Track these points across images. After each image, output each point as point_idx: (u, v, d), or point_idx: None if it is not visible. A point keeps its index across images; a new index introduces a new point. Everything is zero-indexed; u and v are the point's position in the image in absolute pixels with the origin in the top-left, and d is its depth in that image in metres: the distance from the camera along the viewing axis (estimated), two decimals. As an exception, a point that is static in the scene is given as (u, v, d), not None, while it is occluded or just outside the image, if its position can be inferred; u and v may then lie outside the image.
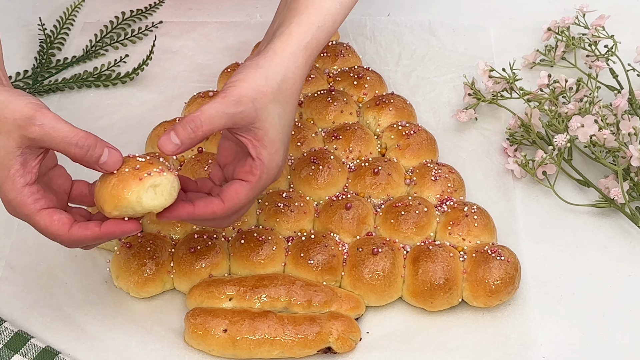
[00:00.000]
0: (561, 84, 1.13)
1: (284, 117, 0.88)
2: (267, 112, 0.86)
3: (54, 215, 0.82)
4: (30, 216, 0.82)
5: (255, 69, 0.87)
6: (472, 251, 0.99)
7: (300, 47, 0.90)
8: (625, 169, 1.06)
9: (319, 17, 0.92)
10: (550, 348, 0.95)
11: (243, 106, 0.84)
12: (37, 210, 0.82)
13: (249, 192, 0.87)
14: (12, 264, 1.02)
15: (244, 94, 0.85)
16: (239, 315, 0.94)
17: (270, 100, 0.86)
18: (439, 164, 1.09)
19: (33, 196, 0.82)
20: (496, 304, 0.97)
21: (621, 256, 1.04)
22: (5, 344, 0.94)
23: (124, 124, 1.19)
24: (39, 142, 0.81)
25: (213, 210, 0.86)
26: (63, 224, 0.82)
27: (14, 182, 0.81)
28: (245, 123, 0.85)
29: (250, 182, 0.86)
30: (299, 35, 0.90)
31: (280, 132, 0.87)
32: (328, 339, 0.94)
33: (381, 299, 0.98)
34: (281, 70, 0.88)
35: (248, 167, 0.86)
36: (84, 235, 0.83)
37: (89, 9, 1.36)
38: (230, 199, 0.86)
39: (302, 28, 0.91)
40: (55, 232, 0.82)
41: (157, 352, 0.94)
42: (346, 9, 0.95)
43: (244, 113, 0.85)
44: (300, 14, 0.92)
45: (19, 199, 0.81)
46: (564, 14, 1.27)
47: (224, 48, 1.30)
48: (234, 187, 0.86)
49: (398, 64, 1.27)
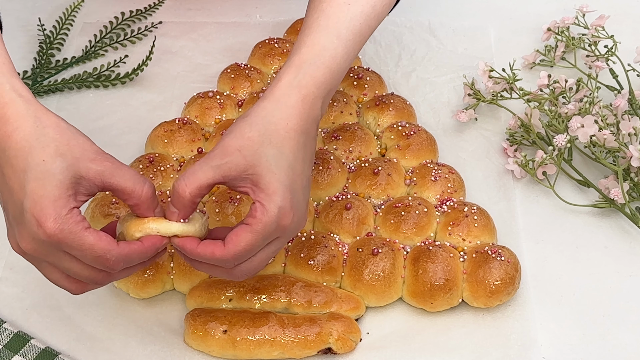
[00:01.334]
0: (561, 84, 1.13)
1: (280, 158, 0.84)
2: (258, 156, 0.83)
3: (101, 234, 0.79)
4: (77, 233, 0.78)
5: (241, 120, 0.86)
6: (472, 251, 0.99)
7: (292, 87, 0.87)
8: (625, 169, 1.06)
9: (311, 54, 0.89)
10: (550, 348, 0.95)
11: (228, 156, 0.82)
12: (85, 228, 0.79)
13: (250, 235, 0.82)
14: (12, 264, 1.02)
15: (228, 145, 0.83)
16: (239, 316, 0.94)
17: (259, 144, 0.83)
18: (439, 164, 1.09)
19: (80, 216, 0.79)
20: (496, 304, 0.97)
21: (621, 256, 1.04)
22: (5, 344, 0.94)
23: (123, 124, 1.19)
24: (107, 176, 0.80)
25: (212, 251, 0.82)
26: (111, 240, 0.79)
27: (68, 201, 0.79)
28: (237, 173, 0.83)
29: (251, 225, 0.82)
30: (288, 75, 0.88)
31: (276, 173, 0.83)
32: (328, 339, 0.94)
33: (381, 300, 0.98)
34: (267, 114, 0.86)
35: (249, 213, 0.83)
36: (131, 249, 0.80)
37: (89, 9, 1.36)
38: (230, 241, 0.82)
39: (291, 68, 0.89)
40: (105, 248, 0.79)
41: (157, 353, 0.94)
42: (345, 41, 0.92)
43: (232, 162, 0.82)
44: (292, 56, 0.90)
45: (70, 217, 0.78)
46: (564, 14, 1.27)
47: (224, 48, 1.30)
48: (235, 230, 0.82)
49: (398, 64, 1.27)
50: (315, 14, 0.93)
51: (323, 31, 0.91)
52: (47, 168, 0.78)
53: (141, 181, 0.82)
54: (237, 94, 1.18)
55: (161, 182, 1.06)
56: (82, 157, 0.80)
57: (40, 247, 0.80)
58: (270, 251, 0.85)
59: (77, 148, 0.81)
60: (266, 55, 1.23)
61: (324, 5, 0.93)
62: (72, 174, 0.79)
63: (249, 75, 1.19)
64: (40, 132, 0.80)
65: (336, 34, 0.91)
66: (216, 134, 1.11)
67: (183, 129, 1.12)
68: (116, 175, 0.81)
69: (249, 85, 1.19)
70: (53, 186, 0.78)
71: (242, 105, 1.16)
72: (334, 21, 0.92)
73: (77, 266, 0.81)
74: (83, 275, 0.82)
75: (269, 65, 1.22)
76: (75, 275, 0.82)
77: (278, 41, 1.24)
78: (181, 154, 1.11)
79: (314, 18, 0.92)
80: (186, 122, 1.13)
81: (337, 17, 0.92)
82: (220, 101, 1.15)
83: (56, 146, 0.80)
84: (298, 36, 0.93)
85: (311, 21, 0.92)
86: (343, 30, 0.91)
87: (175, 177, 1.08)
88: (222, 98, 1.16)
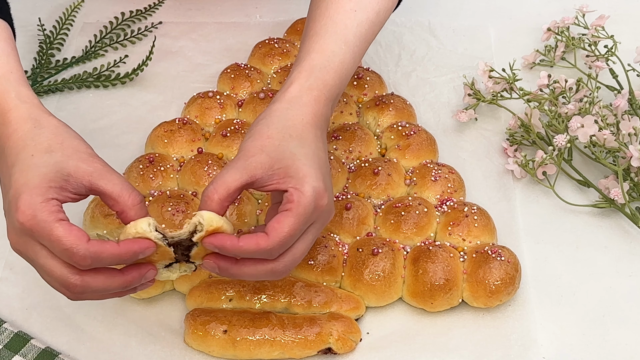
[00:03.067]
0: (561, 84, 1.13)
1: (304, 147, 0.86)
2: (281, 150, 0.85)
3: (73, 227, 0.78)
4: (49, 222, 0.77)
5: (258, 122, 0.88)
6: (472, 252, 0.99)
7: (303, 89, 0.90)
8: (625, 169, 1.06)
9: (321, 59, 0.92)
10: (550, 348, 0.95)
11: (252, 156, 0.84)
12: (57, 219, 0.78)
13: (292, 219, 0.81)
14: (12, 264, 1.02)
15: (249, 146, 0.85)
16: (239, 316, 0.94)
17: (280, 140, 0.85)
18: (439, 164, 1.09)
19: (57, 207, 0.79)
20: (496, 304, 0.97)
21: (621, 256, 1.04)
22: (5, 344, 0.94)
23: (123, 124, 1.19)
24: (95, 177, 0.81)
25: (257, 242, 0.80)
26: (82, 235, 0.77)
27: (47, 191, 0.78)
28: (263, 171, 0.83)
29: (290, 210, 0.81)
30: (299, 79, 0.91)
31: (302, 159, 0.84)
32: (328, 339, 0.94)
33: (381, 300, 0.98)
34: (281, 114, 0.88)
35: (285, 200, 0.83)
36: (103, 249, 0.77)
37: (89, 9, 1.36)
38: (272, 229, 0.81)
39: (302, 73, 0.91)
40: (73, 242, 0.76)
41: (157, 353, 0.94)
42: (352, 47, 0.95)
43: (256, 161, 0.83)
44: (302, 61, 0.92)
45: (45, 205, 0.78)
46: (564, 14, 1.27)
47: (224, 48, 1.30)
48: (275, 218, 0.82)
49: (398, 64, 1.27)
50: (323, 20, 0.95)
51: (331, 37, 0.94)
52: (34, 162, 0.80)
53: (129, 189, 0.82)
54: (237, 94, 1.18)
55: (161, 182, 1.06)
56: (72, 156, 0.81)
57: (20, 237, 0.80)
58: (309, 240, 0.85)
59: (70, 148, 0.82)
60: (266, 55, 1.23)
61: (331, 12, 0.95)
62: (58, 169, 0.80)
63: (249, 75, 1.19)
64: (36, 133, 0.82)
65: (344, 40, 0.94)
66: (216, 134, 1.11)
67: (183, 129, 1.12)
68: (104, 179, 0.81)
69: (249, 85, 1.19)
70: (34, 175, 0.79)
71: (242, 105, 1.16)
72: (341, 27, 0.95)
73: (50, 263, 0.79)
74: (55, 274, 0.79)
75: (269, 65, 1.22)
76: (50, 275, 0.80)
77: (278, 41, 1.24)
78: (181, 154, 1.11)
79: (321, 24, 0.95)
80: (186, 122, 1.13)
81: (344, 24, 0.95)
82: (220, 101, 1.15)
83: (48, 144, 0.81)
84: (305, 41, 0.95)
85: (319, 27, 0.95)
86: (350, 36, 0.94)
87: (175, 177, 1.08)
88: (222, 98, 1.16)
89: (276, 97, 0.90)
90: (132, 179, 1.07)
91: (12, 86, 0.86)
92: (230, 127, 1.11)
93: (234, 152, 1.09)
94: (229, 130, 1.10)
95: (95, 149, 0.85)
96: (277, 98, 0.90)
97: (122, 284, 0.81)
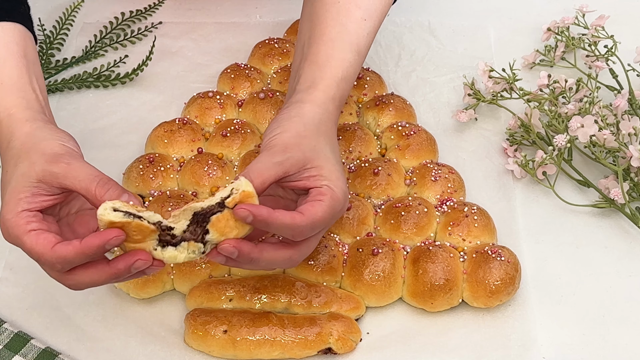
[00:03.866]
0: (561, 84, 1.13)
1: (335, 153, 0.89)
2: (316, 151, 0.86)
3: (40, 235, 0.79)
4: (19, 237, 0.80)
5: (289, 120, 0.89)
6: (472, 252, 0.99)
7: (329, 98, 0.92)
8: (625, 169, 1.06)
9: (342, 68, 0.94)
10: (550, 348, 0.95)
11: (289, 152, 0.85)
12: (26, 231, 0.80)
13: (325, 207, 0.83)
14: (12, 264, 1.02)
15: (287, 142, 0.86)
16: (239, 316, 0.94)
17: (316, 141, 0.88)
18: (439, 164, 1.09)
19: (27, 219, 0.80)
20: (496, 304, 0.97)
21: (621, 256, 1.04)
22: (5, 345, 0.94)
23: (123, 124, 1.19)
24: (61, 178, 0.81)
25: (293, 216, 0.81)
26: (48, 242, 0.78)
27: (17, 205, 0.81)
28: (297, 169, 0.85)
29: (323, 201, 0.83)
30: (324, 87, 0.92)
31: (335, 165, 0.87)
32: (328, 339, 0.94)
33: (381, 300, 0.98)
34: (316, 115, 0.90)
35: (315, 193, 0.84)
36: (66, 251, 0.78)
37: (88, 9, 1.36)
38: (307, 210, 0.82)
39: (327, 81, 0.93)
40: (40, 252, 0.78)
41: (157, 353, 0.94)
42: (363, 56, 0.97)
43: (293, 158, 0.85)
44: (323, 67, 0.93)
45: (14, 220, 0.80)
46: (564, 14, 1.26)
47: (224, 48, 1.30)
48: (309, 203, 0.83)
49: (398, 64, 1.27)
50: (336, 26, 0.96)
51: (347, 46, 0.95)
52: (6, 178, 0.84)
53: (94, 182, 0.81)
54: (237, 94, 1.18)
55: (161, 182, 1.06)
56: (38, 162, 0.82)
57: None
58: (318, 239, 0.88)
59: (37, 153, 0.83)
60: (266, 55, 1.22)
61: (342, 19, 0.96)
62: (25, 179, 0.82)
63: (249, 75, 1.19)
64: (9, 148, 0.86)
65: (357, 50, 0.96)
66: (216, 134, 1.11)
67: (183, 129, 1.12)
68: (69, 178, 0.81)
69: (249, 85, 1.19)
70: (6, 192, 0.82)
71: (242, 105, 1.16)
72: (354, 37, 0.96)
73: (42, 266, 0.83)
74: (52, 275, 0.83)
75: (268, 65, 1.22)
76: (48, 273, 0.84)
77: (278, 41, 1.24)
78: (181, 154, 1.11)
79: (336, 31, 0.96)
80: (186, 122, 1.13)
81: (357, 33, 0.96)
82: (220, 101, 1.15)
83: (18, 156, 0.84)
84: (319, 44, 0.95)
85: (334, 33, 0.96)
86: (362, 46, 0.97)
87: (175, 177, 1.08)
88: (222, 98, 1.16)
89: (305, 97, 0.91)
90: (132, 179, 1.07)
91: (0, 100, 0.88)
92: (230, 127, 1.11)
93: (234, 152, 1.09)
94: (229, 130, 1.10)
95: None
96: (306, 99, 0.91)
97: (111, 276, 0.80)
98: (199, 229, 0.79)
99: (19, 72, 0.90)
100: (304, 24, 1.00)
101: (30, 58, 0.92)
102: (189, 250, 0.80)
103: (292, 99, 0.92)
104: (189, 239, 0.79)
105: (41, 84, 0.93)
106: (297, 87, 0.93)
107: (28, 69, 0.91)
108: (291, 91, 0.96)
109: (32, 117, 0.87)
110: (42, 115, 0.89)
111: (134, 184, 1.06)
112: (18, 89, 0.89)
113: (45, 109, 0.91)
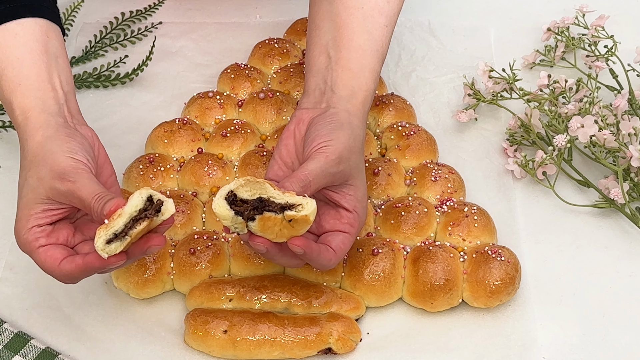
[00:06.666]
0: (561, 84, 1.13)
1: (364, 171, 0.93)
2: (358, 169, 0.90)
3: (48, 252, 0.84)
4: (30, 253, 0.85)
5: (340, 128, 0.90)
6: (473, 252, 0.99)
7: (366, 112, 0.96)
8: (625, 170, 1.06)
9: (373, 80, 0.97)
10: (550, 348, 0.95)
11: (342, 165, 0.88)
12: (36, 248, 0.84)
13: (352, 241, 0.90)
14: (12, 264, 1.02)
15: (342, 154, 0.88)
16: (239, 316, 0.94)
17: (359, 160, 0.91)
18: (439, 164, 1.09)
19: (36, 235, 0.84)
20: (496, 304, 0.97)
21: (621, 256, 1.04)
22: (5, 345, 0.94)
23: (124, 124, 1.19)
24: (68, 195, 0.83)
25: (329, 257, 0.87)
26: (54, 260, 0.83)
27: (27, 222, 0.84)
28: (341, 181, 0.88)
29: (351, 234, 0.89)
30: (363, 99, 0.95)
31: (365, 187, 0.91)
32: (328, 339, 0.94)
33: (381, 300, 0.98)
34: (361, 132, 0.92)
35: (345, 220, 0.89)
36: (70, 268, 0.83)
37: (88, 9, 1.36)
38: (339, 250, 0.88)
39: (364, 92, 0.95)
40: (50, 268, 0.84)
41: (157, 353, 0.94)
42: (382, 62, 0.99)
43: (343, 172, 0.88)
44: (358, 77, 0.95)
45: (25, 237, 0.84)
46: (564, 14, 1.26)
47: (224, 49, 1.30)
48: (339, 238, 0.88)
49: (398, 64, 1.27)
50: (364, 34, 0.97)
51: (375, 55, 0.97)
52: (20, 194, 0.86)
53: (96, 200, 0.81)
54: (237, 94, 1.18)
55: (161, 182, 1.07)
56: (46, 178, 0.84)
57: None
58: None
59: (45, 169, 0.84)
60: (266, 56, 1.22)
61: (369, 26, 0.97)
62: (35, 195, 0.84)
63: (249, 76, 1.19)
64: (22, 162, 0.87)
65: (382, 59, 0.98)
66: (216, 134, 1.11)
67: (183, 129, 1.12)
68: (75, 198, 0.83)
69: (249, 86, 1.19)
70: (18, 208, 0.86)
71: (242, 105, 1.16)
72: (379, 45, 0.98)
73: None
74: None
75: (269, 65, 1.22)
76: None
77: (278, 41, 1.24)
78: (181, 154, 1.11)
79: (364, 39, 0.97)
80: (186, 122, 1.13)
81: (381, 41, 0.98)
82: (220, 101, 1.15)
83: (27, 170, 0.86)
84: (350, 50, 0.96)
85: (362, 41, 0.96)
86: (385, 54, 0.99)
87: (175, 177, 1.08)
88: (222, 98, 1.16)
89: (347, 106, 0.93)
90: (132, 179, 1.07)
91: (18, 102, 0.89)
92: (230, 127, 1.11)
93: (234, 152, 1.09)
94: (229, 131, 1.11)
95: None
96: (349, 109, 0.93)
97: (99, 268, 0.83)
98: (253, 211, 0.82)
99: (37, 70, 0.90)
100: (324, 22, 0.99)
101: (52, 52, 0.92)
102: (238, 222, 0.83)
103: (334, 102, 0.93)
104: (239, 213, 0.82)
105: (64, 77, 0.93)
106: (337, 90, 0.94)
107: (48, 66, 0.91)
108: (322, 89, 0.96)
109: (46, 123, 0.88)
110: (56, 117, 0.89)
111: (134, 184, 1.06)
112: (36, 89, 0.90)
113: (64, 107, 0.91)
